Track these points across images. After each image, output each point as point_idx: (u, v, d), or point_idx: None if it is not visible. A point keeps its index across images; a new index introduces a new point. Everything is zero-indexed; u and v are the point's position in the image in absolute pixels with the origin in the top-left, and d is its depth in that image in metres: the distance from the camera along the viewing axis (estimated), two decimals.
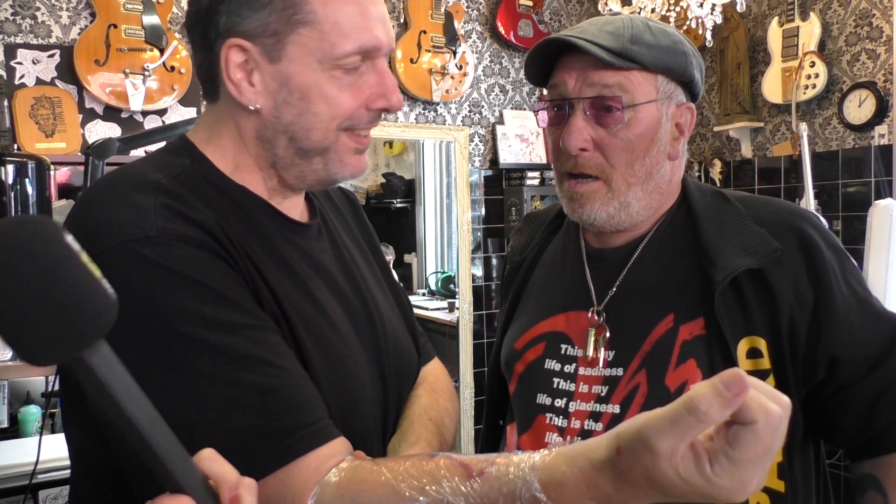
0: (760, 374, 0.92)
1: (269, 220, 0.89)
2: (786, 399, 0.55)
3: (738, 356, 0.92)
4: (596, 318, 1.02)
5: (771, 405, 0.54)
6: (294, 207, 0.94)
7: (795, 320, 0.92)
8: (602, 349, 1.00)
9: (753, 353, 0.93)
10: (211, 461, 0.54)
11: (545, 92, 1.05)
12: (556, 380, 1.03)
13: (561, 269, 1.12)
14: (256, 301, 0.80)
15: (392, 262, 4.67)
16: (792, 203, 1.04)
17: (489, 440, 1.20)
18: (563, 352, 1.04)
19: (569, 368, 1.02)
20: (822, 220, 2.88)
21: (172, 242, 0.75)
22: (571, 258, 1.11)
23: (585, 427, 0.97)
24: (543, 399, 1.03)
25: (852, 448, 0.99)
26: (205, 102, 0.92)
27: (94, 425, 0.79)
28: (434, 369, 1.11)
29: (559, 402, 1.01)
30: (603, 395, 0.98)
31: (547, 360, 1.05)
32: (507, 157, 3.80)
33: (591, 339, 1.01)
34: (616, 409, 0.96)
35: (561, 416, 1.00)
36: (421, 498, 0.68)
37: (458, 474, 0.68)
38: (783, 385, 0.92)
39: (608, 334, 1.00)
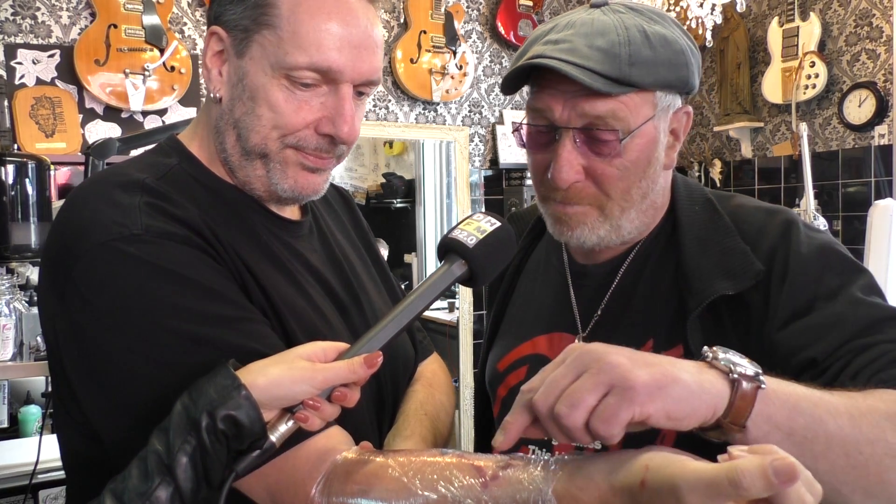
0: None
1: (258, 218, 0.90)
2: (818, 487, 0.54)
3: None
4: None
5: (807, 497, 0.53)
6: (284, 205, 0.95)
7: (765, 332, 0.85)
8: None
9: None
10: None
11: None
12: None
13: (544, 284, 1.08)
14: (245, 295, 0.81)
15: (385, 257, 4.66)
16: (784, 211, 0.95)
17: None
18: None
19: None
20: (822, 221, 2.89)
21: (157, 240, 0.75)
22: (555, 272, 1.07)
23: None
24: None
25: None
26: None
27: (87, 423, 0.79)
28: (432, 365, 1.11)
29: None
30: None
31: None
32: (507, 157, 3.80)
33: None
34: (598, 444, 0.90)
35: (544, 450, 0.97)
36: (433, 496, 0.68)
37: (470, 475, 0.68)
38: None
39: None
